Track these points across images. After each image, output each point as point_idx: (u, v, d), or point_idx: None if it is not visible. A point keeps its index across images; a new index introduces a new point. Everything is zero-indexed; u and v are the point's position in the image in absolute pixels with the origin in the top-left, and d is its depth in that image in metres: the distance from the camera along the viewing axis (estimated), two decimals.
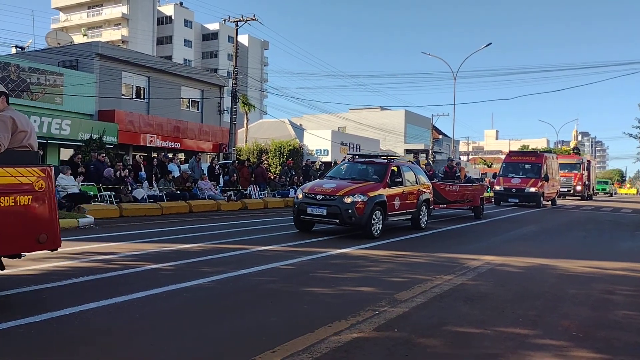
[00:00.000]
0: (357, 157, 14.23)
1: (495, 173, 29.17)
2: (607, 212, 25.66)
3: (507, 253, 9.99)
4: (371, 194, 11.22)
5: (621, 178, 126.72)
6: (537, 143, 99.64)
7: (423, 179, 14.04)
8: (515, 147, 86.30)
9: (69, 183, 14.59)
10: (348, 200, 10.91)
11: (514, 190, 26.28)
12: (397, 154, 16.94)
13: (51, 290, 5.95)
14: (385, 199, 11.61)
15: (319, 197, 11.21)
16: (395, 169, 12.69)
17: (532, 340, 4.77)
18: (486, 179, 30.48)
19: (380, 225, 11.47)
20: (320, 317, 5.16)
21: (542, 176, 26.29)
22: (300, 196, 11.67)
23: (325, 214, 11.03)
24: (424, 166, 19.23)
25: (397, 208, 12.25)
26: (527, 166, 27.32)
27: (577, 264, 9.09)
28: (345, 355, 4.19)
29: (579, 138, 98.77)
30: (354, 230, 12.09)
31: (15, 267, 7.15)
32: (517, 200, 26.41)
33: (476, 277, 7.61)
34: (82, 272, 6.89)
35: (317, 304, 5.84)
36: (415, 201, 13.16)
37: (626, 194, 76.13)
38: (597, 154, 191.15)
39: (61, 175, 14.68)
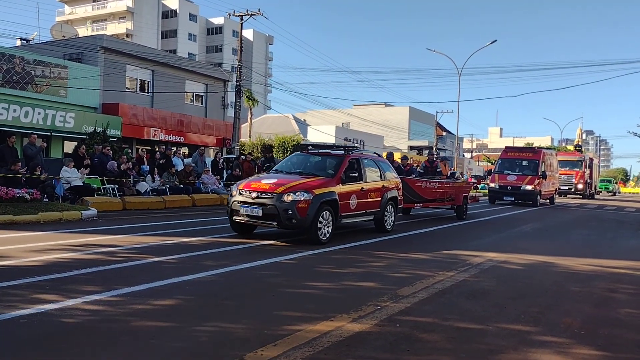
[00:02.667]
0: (310, 147, 12.26)
1: (491, 169, 27.96)
2: (611, 210, 25.58)
3: (510, 250, 9.98)
4: (318, 191, 9.48)
5: (625, 177, 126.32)
6: (541, 141, 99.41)
7: (390, 174, 12.26)
8: (520, 144, 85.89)
9: (72, 175, 14.62)
10: (288, 198, 9.13)
11: (509, 188, 24.91)
12: (354, 145, 15.39)
13: (53, 281, 5.97)
14: (337, 197, 9.86)
15: (254, 194, 9.42)
16: (353, 162, 10.92)
17: (533, 337, 4.77)
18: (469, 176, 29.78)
19: (330, 229, 9.72)
20: (322, 311, 5.17)
21: (539, 173, 25.06)
22: (234, 193, 9.88)
23: (260, 214, 9.26)
24: (400, 160, 17.38)
25: (353, 208, 10.49)
26: (524, 163, 26.05)
27: (580, 262, 9.07)
28: (346, 349, 4.19)
29: (584, 136, 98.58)
30: (349, 227, 11.84)
31: (18, 258, 7.18)
32: (513, 199, 25.00)
33: (478, 273, 7.61)
34: (84, 264, 6.91)
35: (319, 298, 5.85)
36: (378, 200, 11.36)
37: (630, 192, 75.67)
38: (601, 153, 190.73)
39: (64, 167, 14.71)
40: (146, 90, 30.79)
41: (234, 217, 9.73)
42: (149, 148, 26.78)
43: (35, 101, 23.43)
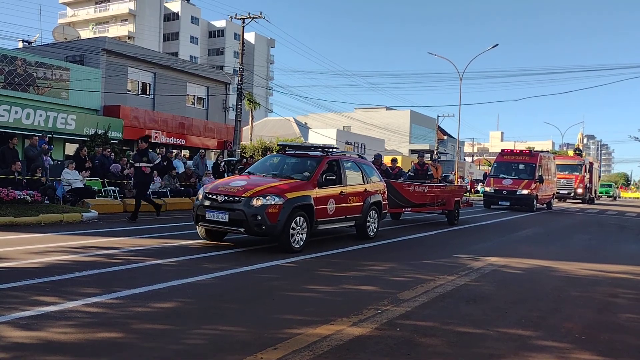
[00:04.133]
0: (287, 148, 11.51)
1: (486, 173, 27.13)
2: (611, 215, 25.53)
3: (511, 254, 9.96)
4: (291, 195, 8.78)
5: (626, 181, 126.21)
6: (542, 145, 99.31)
7: (373, 177, 11.52)
8: (521, 149, 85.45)
9: (73, 177, 14.63)
10: (257, 202, 8.45)
11: (504, 192, 24.22)
12: (334, 147, 11.95)
13: (53, 283, 5.96)
14: (313, 201, 9.19)
15: (220, 198, 8.72)
16: (332, 163, 10.26)
17: (534, 341, 4.76)
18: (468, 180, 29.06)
19: (304, 236, 9.01)
20: (322, 315, 5.16)
21: (536, 177, 24.31)
22: (200, 197, 9.20)
23: (226, 220, 8.57)
24: (390, 163, 16.67)
25: (331, 213, 9.79)
26: (520, 166, 25.25)
27: (581, 267, 9.06)
28: (347, 353, 4.19)
29: (585, 141, 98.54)
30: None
31: (19, 260, 7.18)
32: (508, 203, 24.21)
33: (479, 277, 7.60)
34: (85, 266, 6.91)
35: (319, 302, 5.84)
36: (360, 204, 10.65)
37: (631, 197, 75.49)
38: (602, 157, 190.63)
39: (66, 169, 14.73)
40: (147, 93, 30.82)
41: (199, 223, 9.07)
42: (150, 150, 26.76)
43: (37, 103, 23.46)
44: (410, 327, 4.96)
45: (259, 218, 8.42)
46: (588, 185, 37.08)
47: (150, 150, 14.71)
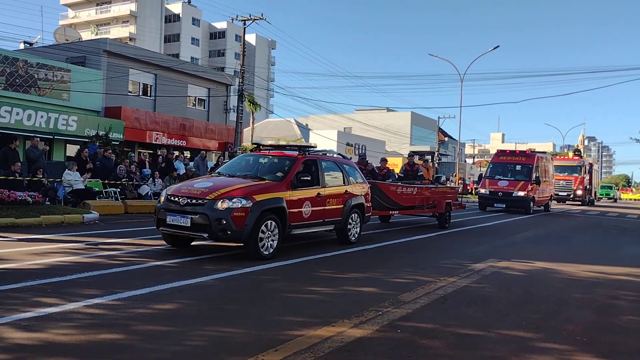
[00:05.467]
0: (262, 147, 10.82)
1: (482, 174, 26.38)
2: (612, 217, 25.49)
3: (511, 256, 9.95)
4: (260, 197, 8.15)
5: (627, 183, 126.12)
6: (543, 147, 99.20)
7: (355, 178, 10.91)
8: (517, 149, 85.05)
9: (75, 178, 14.64)
10: (222, 205, 7.81)
11: (500, 194, 23.47)
12: (312, 146, 11.44)
13: (54, 285, 5.97)
14: (285, 204, 8.55)
15: (182, 200, 8.09)
16: (309, 163, 9.67)
17: (535, 343, 4.75)
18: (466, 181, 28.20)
19: (275, 241, 8.38)
20: (323, 316, 5.16)
21: (533, 179, 23.67)
22: (161, 200, 8.58)
23: (188, 224, 7.90)
24: (379, 163, 16.00)
25: (307, 216, 9.17)
26: (517, 167, 24.66)
27: (582, 269, 9.05)
28: (348, 355, 4.18)
29: (586, 142, 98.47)
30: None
31: (20, 261, 7.19)
32: (504, 206, 23.48)
33: (480, 279, 7.59)
34: (85, 268, 6.91)
35: (320, 303, 5.84)
36: (340, 207, 10.06)
37: (632, 199, 75.20)
38: (603, 159, 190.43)
39: (67, 171, 14.74)
40: (149, 94, 30.84)
41: (160, 228, 8.42)
42: (151, 152, 26.80)
43: (38, 104, 23.47)
44: (411, 328, 4.95)
45: (224, 222, 7.75)
46: (588, 186, 36.53)
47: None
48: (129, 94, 29.37)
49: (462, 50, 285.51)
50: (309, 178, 9.22)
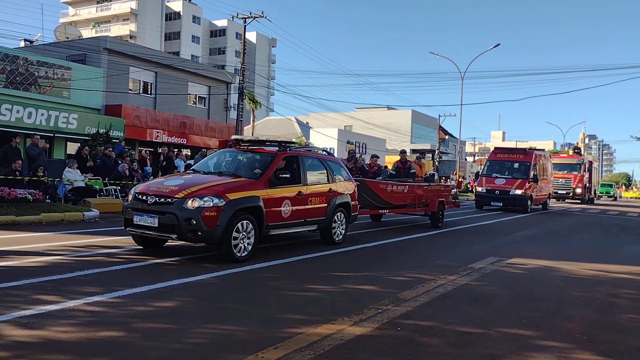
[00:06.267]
0: (241, 142, 10.12)
1: (478, 172, 25.95)
2: (613, 215, 25.46)
3: (512, 255, 9.94)
4: (233, 196, 7.65)
5: (628, 181, 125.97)
6: (544, 145, 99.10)
7: (341, 176, 10.39)
8: (515, 147, 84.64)
9: (76, 177, 14.65)
10: (192, 204, 7.35)
11: (497, 192, 23.05)
12: (293, 141, 10.76)
13: (55, 282, 5.97)
14: (262, 203, 8.07)
15: (150, 199, 7.61)
16: (290, 160, 9.26)
17: (535, 341, 4.75)
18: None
19: (251, 243, 7.89)
20: (323, 314, 5.16)
21: (531, 177, 23.23)
22: (129, 198, 8.17)
23: (156, 225, 7.44)
24: (369, 160, 15.43)
25: (287, 216, 8.67)
26: (514, 165, 24.14)
27: (582, 267, 9.04)
28: (347, 352, 4.18)
29: (586, 141, 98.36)
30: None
31: (20, 258, 7.19)
32: (501, 204, 23.06)
33: (480, 277, 7.59)
34: (86, 266, 6.91)
35: (320, 301, 5.84)
36: (323, 206, 9.57)
37: (632, 197, 75.04)
38: (604, 157, 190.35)
39: (67, 168, 14.74)
40: (149, 92, 30.82)
41: (128, 228, 7.97)
42: (152, 150, 26.80)
43: (38, 102, 23.44)
44: (411, 326, 4.95)
45: (194, 222, 7.27)
46: (587, 185, 36.15)
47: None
48: (130, 91, 29.35)
49: (462, 48, 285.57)
50: (288, 175, 8.69)
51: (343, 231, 10.27)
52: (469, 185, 40.48)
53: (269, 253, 8.63)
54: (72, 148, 23.86)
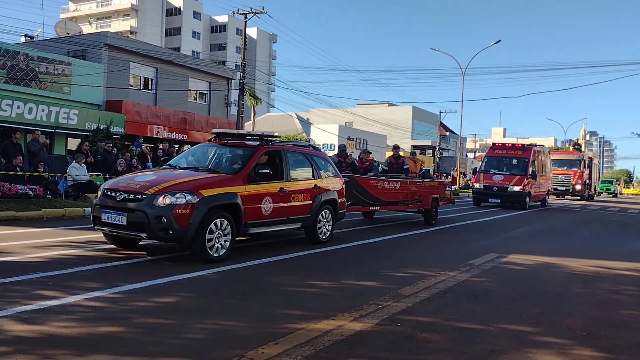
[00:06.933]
0: (222, 136, 9.61)
1: (476, 168, 25.84)
2: (613, 212, 25.44)
3: (512, 251, 9.95)
4: (208, 192, 7.23)
5: (629, 178, 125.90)
6: (545, 141, 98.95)
7: (327, 172, 9.97)
8: (513, 142, 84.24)
9: (81, 173, 14.65)
10: (164, 201, 6.91)
11: (495, 188, 22.68)
12: (275, 135, 9.48)
13: (55, 278, 5.98)
14: (240, 200, 7.60)
15: (119, 195, 7.18)
16: (272, 155, 8.80)
17: (535, 337, 4.76)
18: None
19: (228, 241, 7.47)
20: (323, 310, 5.17)
21: (529, 173, 22.96)
22: (98, 195, 7.71)
23: (124, 223, 7.02)
24: (361, 154, 15.00)
25: (267, 214, 8.22)
26: (513, 161, 23.83)
27: (583, 263, 9.05)
28: (347, 348, 4.19)
29: (587, 137, 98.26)
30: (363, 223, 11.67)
31: (21, 254, 7.20)
32: (499, 201, 22.72)
33: (480, 273, 7.60)
34: (86, 261, 6.92)
35: (320, 297, 5.85)
36: (308, 203, 9.16)
37: (633, 194, 74.88)
38: (605, 154, 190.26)
39: (74, 163, 14.72)
40: (150, 88, 30.79)
41: (96, 227, 7.56)
42: (152, 146, 26.77)
43: (39, 98, 23.42)
44: (411, 322, 4.96)
45: (164, 221, 6.84)
46: (587, 181, 35.81)
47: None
48: (130, 87, 29.33)
49: (463, 44, 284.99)
50: (268, 171, 8.19)
51: (329, 229, 9.82)
52: (469, 182, 40.42)
53: (267, 250, 8.64)
54: (73, 144, 23.86)
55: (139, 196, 7.05)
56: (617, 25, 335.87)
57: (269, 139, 9.15)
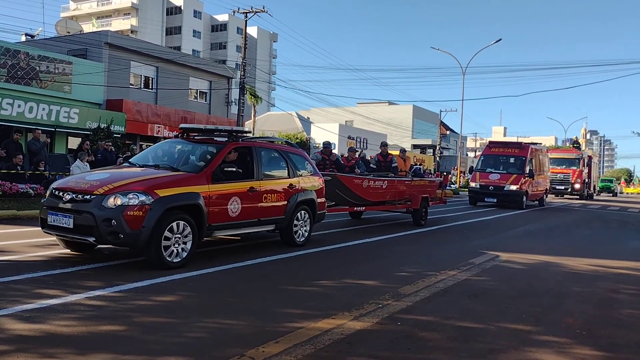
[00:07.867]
0: (189, 132, 8.84)
1: (472, 167, 25.18)
2: (613, 211, 25.43)
3: (512, 250, 9.96)
4: (165, 193, 6.60)
5: (629, 177, 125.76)
6: (545, 140, 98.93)
7: (305, 170, 9.36)
8: (510, 141, 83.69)
9: (84, 171, 14.62)
10: (114, 201, 6.32)
11: (491, 187, 22.26)
12: (247, 130, 9.25)
13: (56, 276, 5.99)
14: (202, 200, 6.99)
15: (67, 196, 6.59)
16: (243, 151, 8.24)
17: (534, 336, 4.77)
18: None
19: (188, 246, 6.86)
20: (323, 309, 5.18)
21: (526, 172, 22.48)
22: (47, 195, 7.13)
23: (71, 226, 6.44)
24: (346, 152, 14.47)
25: (235, 215, 7.60)
26: (510, 160, 23.44)
27: (582, 262, 9.05)
28: (348, 347, 4.20)
29: (588, 136, 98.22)
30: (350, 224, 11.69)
31: (22, 253, 7.21)
32: (495, 200, 22.28)
33: (480, 272, 7.61)
34: (87, 260, 6.93)
35: (321, 296, 5.85)
36: (282, 203, 8.54)
37: (633, 193, 74.60)
38: (605, 153, 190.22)
39: (78, 161, 14.71)
40: (150, 87, 30.81)
41: (44, 230, 6.97)
42: (152, 144, 26.77)
43: (39, 97, 23.45)
44: (411, 321, 4.97)
45: (114, 223, 6.23)
46: (587, 180, 35.31)
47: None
48: (131, 86, 29.35)
49: (464, 43, 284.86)
50: (235, 169, 7.61)
51: (307, 231, 9.23)
52: (469, 181, 40.41)
53: (267, 249, 8.64)
54: (74, 143, 23.89)
55: (88, 196, 6.46)
56: (618, 24, 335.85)
57: (239, 134, 8.59)
